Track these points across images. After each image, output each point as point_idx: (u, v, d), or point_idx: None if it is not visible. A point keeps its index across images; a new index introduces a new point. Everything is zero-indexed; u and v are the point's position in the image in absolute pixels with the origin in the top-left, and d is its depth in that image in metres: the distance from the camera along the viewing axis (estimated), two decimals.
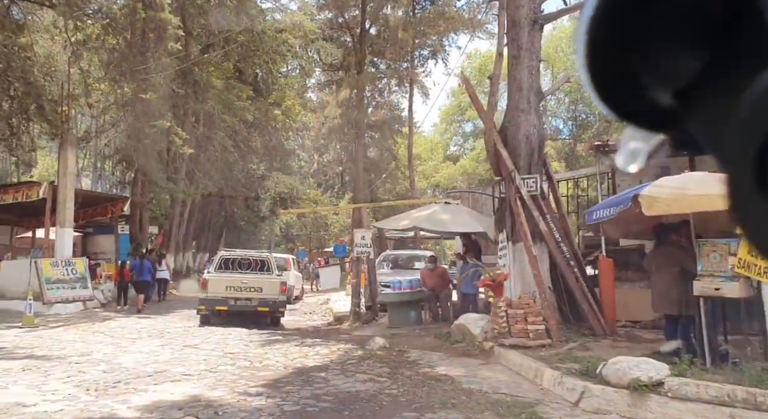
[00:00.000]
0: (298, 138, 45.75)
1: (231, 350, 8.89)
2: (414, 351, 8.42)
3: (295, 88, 31.25)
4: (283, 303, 11.94)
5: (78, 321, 12.13)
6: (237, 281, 11.72)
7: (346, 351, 8.66)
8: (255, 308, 11.72)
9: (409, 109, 31.27)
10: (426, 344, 8.97)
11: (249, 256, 12.85)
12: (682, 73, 0.44)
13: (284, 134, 33.27)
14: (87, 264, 14.46)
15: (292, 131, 35.60)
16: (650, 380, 5.21)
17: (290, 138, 37.50)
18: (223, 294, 11.63)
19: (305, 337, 10.36)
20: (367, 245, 11.59)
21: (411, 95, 31.32)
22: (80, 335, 10.39)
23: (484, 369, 7.20)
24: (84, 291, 13.86)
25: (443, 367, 7.32)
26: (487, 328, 8.25)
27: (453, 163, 38.92)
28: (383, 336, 9.82)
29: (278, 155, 35.71)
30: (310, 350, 8.86)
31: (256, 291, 11.70)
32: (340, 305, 15.09)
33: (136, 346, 9.27)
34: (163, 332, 10.65)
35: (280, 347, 9.13)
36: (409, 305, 10.11)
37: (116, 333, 10.58)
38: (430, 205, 10.00)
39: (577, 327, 8.34)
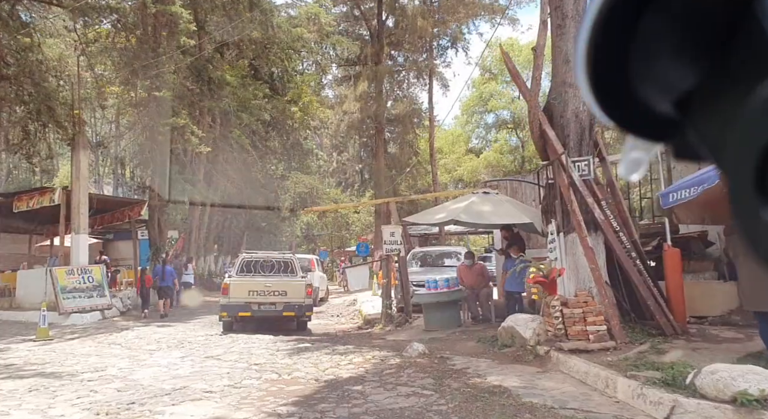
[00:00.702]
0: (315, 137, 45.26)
1: (256, 360, 8.14)
2: (458, 358, 7.56)
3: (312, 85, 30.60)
4: (310, 307, 11.18)
5: (95, 331, 11.52)
6: (260, 284, 10.99)
7: (382, 359, 7.85)
8: (280, 313, 10.98)
9: (429, 100, 30.39)
10: (469, 349, 8.11)
11: (271, 258, 12.11)
12: (682, 84, 0.44)
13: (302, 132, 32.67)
14: (105, 271, 13.88)
15: (310, 130, 35.12)
16: (762, 393, 4.29)
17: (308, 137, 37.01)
18: (246, 299, 10.91)
19: (335, 344, 9.57)
20: (398, 242, 10.76)
21: (431, 86, 30.42)
22: (96, 347, 9.74)
23: (543, 378, 6.32)
24: (101, 300, 13.28)
25: (495, 377, 6.45)
26: (539, 330, 7.36)
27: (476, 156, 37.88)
28: (421, 340, 8.98)
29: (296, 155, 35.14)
30: (342, 358, 8.06)
31: (280, 295, 10.96)
32: (368, 307, 14.29)
33: (154, 359, 8.57)
34: (183, 342, 9.96)
35: (310, 356, 8.35)
36: (447, 306, 9.26)
37: (134, 344, 9.92)
38: (466, 196, 9.11)
39: (641, 326, 7.40)
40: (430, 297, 9.28)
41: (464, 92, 42.83)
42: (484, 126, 41.76)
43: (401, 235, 10.79)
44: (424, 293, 9.49)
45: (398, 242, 10.78)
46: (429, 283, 9.47)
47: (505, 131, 40.33)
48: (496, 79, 37.56)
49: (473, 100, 40.34)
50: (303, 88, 28.86)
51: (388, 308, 10.71)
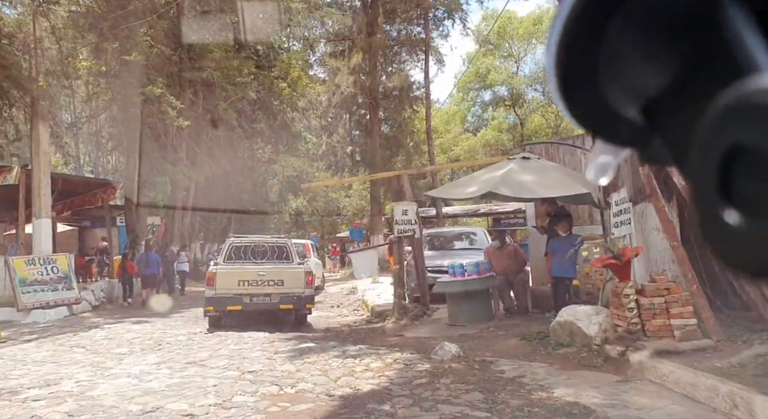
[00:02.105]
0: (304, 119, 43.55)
1: (250, 367, 6.58)
2: (503, 362, 6.05)
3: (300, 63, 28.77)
4: (311, 298, 9.61)
5: (58, 330, 9.86)
6: (252, 273, 9.39)
7: (406, 364, 6.32)
8: (276, 306, 9.41)
9: (425, 75, 28.65)
10: (513, 349, 6.60)
11: (264, 242, 10.48)
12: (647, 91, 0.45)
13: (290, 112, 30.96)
14: (72, 261, 12.18)
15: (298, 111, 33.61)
16: None
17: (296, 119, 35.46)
18: (236, 290, 9.32)
19: (344, 343, 8.02)
20: (411, 221, 9.19)
21: (427, 60, 28.65)
22: (54, 352, 8.10)
23: (629, 390, 4.82)
24: (68, 293, 11.59)
25: (564, 389, 4.94)
26: (606, 325, 5.86)
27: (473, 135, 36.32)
28: (448, 338, 7.46)
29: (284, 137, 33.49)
30: (356, 363, 6.52)
31: (276, 285, 9.37)
32: (373, 296, 12.75)
33: (123, 366, 6.97)
34: (160, 342, 8.35)
35: (316, 360, 6.79)
36: (477, 296, 7.75)
37: (101, 346, 8.29)
38: (500, 163, 7.52)
39: (732, 319, 5.93)
40: (456, 286, 7.75)
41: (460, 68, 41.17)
42: (480, 104, 40.19)
43: (416, 214, 9.21)
44: (448, 281, 7.95)
45: (412, 222, 9.21)
46: (454, 269, 7.93)
47: (503, 108, 38.78)
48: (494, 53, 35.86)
49: (469, 76, 38.66)
50: (291, 62, 27.00)
51: (402, 298, 9.17)
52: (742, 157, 0.38)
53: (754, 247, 0.38)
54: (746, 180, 0.38)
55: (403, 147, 30.87)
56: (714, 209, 0.39)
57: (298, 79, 26.52)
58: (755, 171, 0.37)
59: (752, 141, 0.37)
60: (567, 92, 0.45)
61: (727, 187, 0.39)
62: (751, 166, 0.37)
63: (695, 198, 0.41)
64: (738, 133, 0.38)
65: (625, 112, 0.46)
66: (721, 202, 0.39)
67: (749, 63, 0.39)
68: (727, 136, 0.38)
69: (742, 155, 0.38)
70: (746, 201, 0.38)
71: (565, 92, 0.45)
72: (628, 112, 0.46)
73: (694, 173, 0.41)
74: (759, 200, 0.38)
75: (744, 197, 0.38)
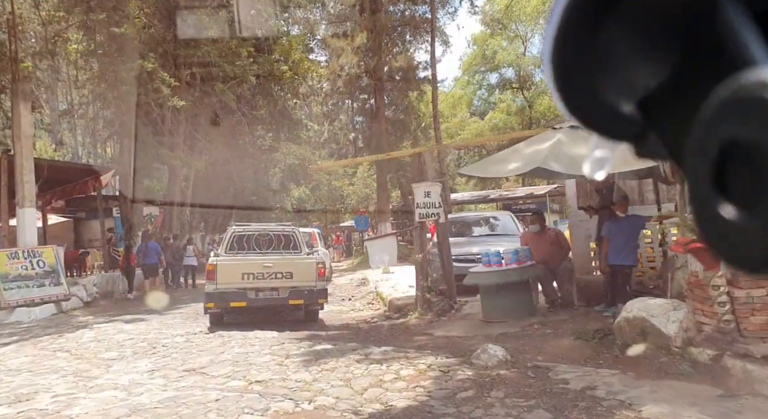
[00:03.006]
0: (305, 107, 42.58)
1: (258, 375, 5.59)
2: (562, 367, 5.04)
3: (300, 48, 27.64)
4: (323, 292, 8.59)
5: (42, 331, 8.87)
6: (257, 265, 8.37)
7: (444, 371, 5.31)
8: (285, 302, 8.40)
9: (431, 54, 27.39)
10: (568, 351, 5.59)
11: (269, 231, 9.44)
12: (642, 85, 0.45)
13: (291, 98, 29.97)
14: (59, 254, 11.18)
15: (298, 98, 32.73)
16: None
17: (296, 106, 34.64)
18: (240, 285, 8.31)
19: (365, 343, 7.02)
20: (435, 204, 8.17)
21: (433, 39, 27.41)
22: (34, 357, 7.11)
23: (742, 409, 3.81)
24: (56, 289, 10.60)
25: (653, 405, 3.94)
26: (688, 324, 4.84)
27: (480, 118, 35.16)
28: (486, 337, 6.46)
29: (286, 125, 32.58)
30: (384, 370, 5.52)
31: (284, 278, 8.36)
32: (387, 288, 11.75)
33: (110, 375, 5.99)
34: (155, 345, 7.36)
35: (335, 365, 5.79)
36: (516, 288, 6.74)
37: (88, 350, 7.30)
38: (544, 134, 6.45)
39: None
40: (492, 277, 6.73)
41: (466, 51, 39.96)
42: (486, 87, 38.96)
43: (440, 195, 8.18)
44: (482, 272, 6.93)
45: (436, 205, 8.18)
46: (489, 257, 6.91)
47: (510, 91, 37.57)
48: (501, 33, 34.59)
49: (475, 58, 37.42)
50: (293, 43, 25.86)
51: (426, 291, 8.16)
52: (738, 151, 0.37)
53: (751, 242, 0.37)
54: (742, 174, 0.37)
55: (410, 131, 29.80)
56: (710, 204, 0.39)
57: (299, 61, 25.42)
58: (751, 165, 0.36)
59: (748, 135, 0.36)
60: (562, 82, 0.45)
61: (723, 181, 0.38)
62: (747, 160, 0.37)
63: (691, 193, 0.41)
64: (734, 126, 0.37)
65: (621, 106, 0.46)
66: (718, 196, 0.38)
67: (744, 57, 0.38)
68: (722, 130, 0.38)
69: (738, 149, 0.37)
70: (742, 195, 0.37)
71: (560, 82, 0.45)
72: (624, 106, 0.46)
73: (690, 168, 0.41)
74: (755, 195, 0.37)
75: (740, 191, 0.38)
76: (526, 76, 35.41)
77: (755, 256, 0.37)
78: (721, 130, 0.38)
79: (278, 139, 31.93)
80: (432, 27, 27.44)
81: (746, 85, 0.36)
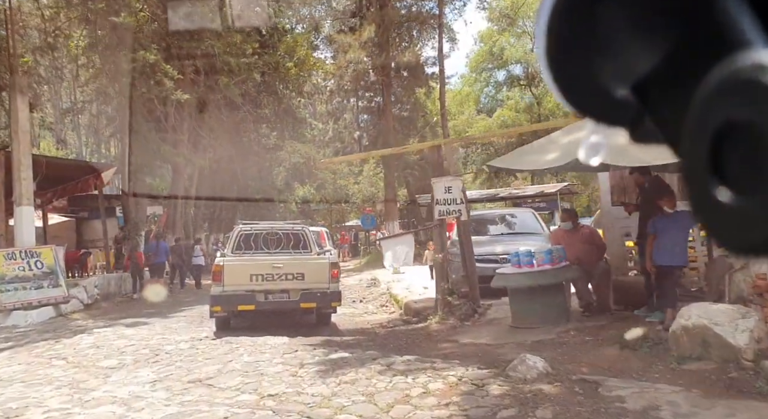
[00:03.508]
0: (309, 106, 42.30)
1: (270, 388, 5.07)
2: (613, 382, 4.48)
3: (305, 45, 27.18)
4: (337, 294, 8.04)
5: (38, 336, 8.36)
6: (266, 265, 7.84)
7: (478, 385, 4.77)
8: (296, 305, 7.86)
9: (438, 49, 26.83)
10: (616, 362, 5.04)
11: (277, 229, 8.92)
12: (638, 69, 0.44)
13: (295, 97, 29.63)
14: (59, 254, 10.68)
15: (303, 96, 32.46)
16: None
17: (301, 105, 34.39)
18: (248, 287, 7.78)
19: (385, 350, 6.48)
20: (456, 200, 7.63)
21: (440, 34, 26.85)
22: (29, 365, 6.61)
23: None
24: (54, 291, 10.10)
25: None
26: (760, 333, 4.28)
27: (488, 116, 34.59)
28: (518, 344, 5.92)
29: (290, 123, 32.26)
30: (410, 383, 4.98)
31: (295, 279, 7.83)
32: (401, 289, 11.22)
33: (108, 387, 5.48)
34: (158, 352, 6.84)
35: (355, 377, 5.25)
36: (549, 291, 6.19)
37: (86, 357, 6.79)
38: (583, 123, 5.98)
39: None
40: (524, 279, 6.18)
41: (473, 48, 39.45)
42: (494, 84, 38.38)
43: (462, 191, 7.63)
44: (512, 273, 6.38)
45: (457, 201, 7.63)
46: (519, 257, 6.36)
47: (518, 88, 36.99)
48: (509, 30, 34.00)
49: (482, 55, 36.85)
50: (298, 39, 25.37)
51: (447, 293, 7.61)
52: (733, 134, 0.37)
53: (746, 225, 0.37)
54: (737, 157, 0.37)
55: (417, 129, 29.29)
56: (706, 187, 0.39)
57: (305, 58, 24.91)
58: (746, 148, 0.36)
59: (744, 117, 0.36)
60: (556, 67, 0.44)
61: (719, 165, 0.38)
62: (742, 143, 0.36)
63: (687, 176, 0.40)
64: (729, 109, 0.37)
65: (616, 91, 0.45)
66: (713, 180, 0.38)
67: (740, 40, 0.38)
68: (718, 112, 0.37)
69: (734, 131, 0.37)
70: (738, 179, 0.37)
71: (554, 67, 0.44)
72: (619, 91, 0.45)
73: (686, 152, 0.41)
74: (750, 178, 0.37)
75: (735, 174, 0.37)
76: (534, 72, 34.83)
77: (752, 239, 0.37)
78: (718, 112, 0.37)
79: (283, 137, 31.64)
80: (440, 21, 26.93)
81: (742, 68, 0.36)
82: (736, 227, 0.38)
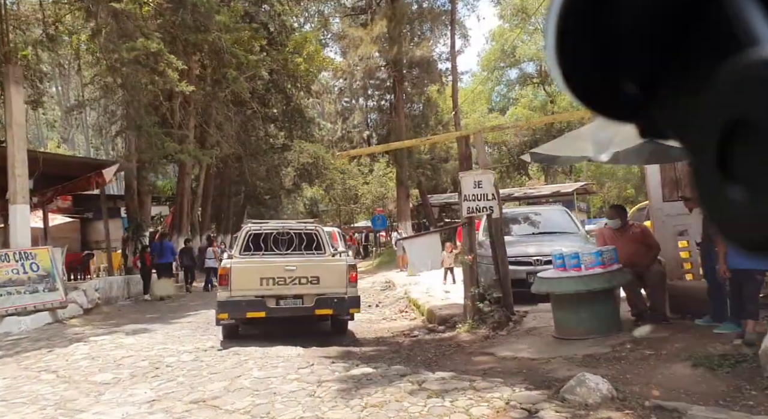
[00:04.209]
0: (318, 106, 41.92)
1: (285, 412, 4.36)
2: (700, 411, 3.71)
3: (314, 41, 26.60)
4: (356, 300, 7.31)
5: (30, 345, 7.69)
6: (278, 268, 7.13)
7: (529, 410, 4.03)
8: (311, 312, 7.15)
9: (451, 45, 26.12)
10: (691, 383, 4.28)
11: (289, 229, 8.20)
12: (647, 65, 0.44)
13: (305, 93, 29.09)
14: (55, 256, 10.02)
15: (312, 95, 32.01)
16: None
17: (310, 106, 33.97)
18: (257, 291, 7.07)
19: (413, 364, 5.76)
20: (488, 195, 6.89)
21: (452, 31, 26.14)
22: (14, 379, 5.93)
23: None
24: (51, 295, 9.43)
25: None
26: None
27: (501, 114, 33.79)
28: (568, 359, 5.16)
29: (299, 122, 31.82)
30: (448, 407, 4.24)
31: (310, 283, 7.11)
32: (420, 293, 10.49)
33: (99, 407, 4.80)
34: (158, 364, 6.15)
35: (383, 397, 4.52)
36: (599, 298, 5.44)
37: (78, 370, 6.10)
38: None
39: None
40: (571, 284, 5.42)
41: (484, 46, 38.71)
42: (506, 83, 37.62)
43: (494, 185, 6.89)
44: (556, 277, 5.62)
45: (488, 197, 6.90)
46: (563, 259, 5.60)
47: (531, 86, 36.20)
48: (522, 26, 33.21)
49: (494, 53, 36.10)
50: (308, 35, 24.76)
51: (479, 299, 6.87)
52: (742, 130, 0.36)
53: (756, 221, 0.37)
54: (746, 154, 0.37)
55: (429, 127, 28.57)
56: (715, 184, 0.38)
57: (315, 53, 24.28)
58: (756, 145, 0.36)
59: (754, 113, 0.36)
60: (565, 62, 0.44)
61: (728, 161, 0.38)
62: (751, 139, 0.36)
63: (695, 172, 0.40)
64: (739, 105, 0.36)
65: (624, 86, 0.45)
66: (722, 176, 0.38)
67: (749, 35, 0.37)
68: (727, 109, 0.37)
69: (742, 128, 0.36)
70: (747, 175, 0.37)
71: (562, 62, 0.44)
72: (627, 86, 0.45)
73: (695, 148, 0.40)
74: (760, 175, 0.36)
75: (744, 170, 0.37)
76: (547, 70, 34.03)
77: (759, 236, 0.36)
78: (727, 108, 0.37)
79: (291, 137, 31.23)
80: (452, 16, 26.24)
81: (752, 64, 0.35)
82: (746, 224, 0.36)
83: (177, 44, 14.51)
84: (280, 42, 24.01)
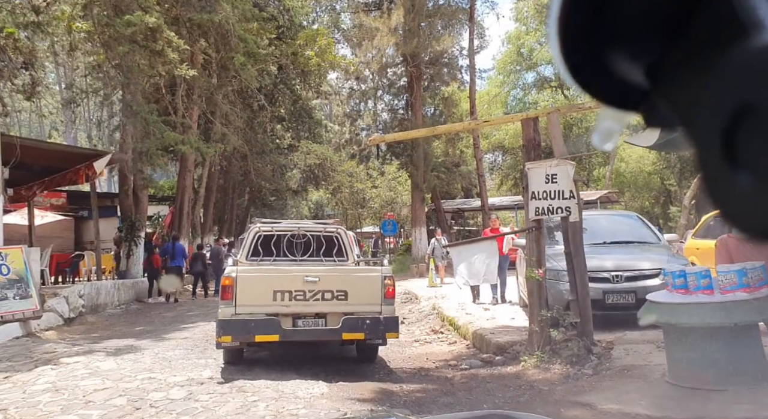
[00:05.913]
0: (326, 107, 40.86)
1: None
2: None
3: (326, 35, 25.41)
4: (393, 323, 5.81)
5: None
6: (296, 279, 5.65)
7: None
8: (336, 336, 5.65)
9: (469, 43, 24.76)
10: None
11: (305, 230, 6.71)
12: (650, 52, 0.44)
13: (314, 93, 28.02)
14: (30, 256, 8.58)
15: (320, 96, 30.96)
16: None
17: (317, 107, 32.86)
18: (269, 308, 5.59)
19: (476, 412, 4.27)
20: (564, 193, 5.45)
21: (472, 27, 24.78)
22: None
23: None
24: (22, 303, 7.97)
25: None
26: None
27: None
28: None
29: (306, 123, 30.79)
30: None
31: (336, 299, 5.63)
32: (454, 310, 9.01)
33: None
34: (138, 402, 4.68)
35: None
36: (739, 333, 3.96)
37: (35, 408, 4.63)
38: None
39: None
40: (703, 313, 3.92)
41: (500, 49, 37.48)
42: (522, 86, 36.26)
43: (572, 180, 5.44)
44: (677, 303, 4.12)
45: (565, 194, 5.45)
46: (686, 277, 4.13)
47: (549, 90, 34.83)
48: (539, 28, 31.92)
49: (509, 56, 34.79)
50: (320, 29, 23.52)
51: (549, 324, 5.40)
52: (749, 117, 0.36)
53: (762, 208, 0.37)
54: (753, 141, 0.37)
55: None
56: (721, 171, 0.38)
57: (327, 47, 22.99)
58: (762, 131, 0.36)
59: (760, 100, 0.36)
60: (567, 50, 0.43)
61: (734, 148, 0.38)
62: (759, 126, 0.36)
63: (701, 160, 0.40)
64: (746, 92, 0.36)
65: (628, 74, 0.44)
66: (728, 163, 0.38)
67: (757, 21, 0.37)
68: (734, 95, 0.37)
69: (749, 115, 0.36)
70: (753, 162, 0.37)
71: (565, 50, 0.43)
72: (631, 74, 0.44)
73: (700, 135, 0.40)
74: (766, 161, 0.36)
75: (751, 157, 0.37)
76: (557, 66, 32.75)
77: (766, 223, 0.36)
78: (733, 95, 0.37)
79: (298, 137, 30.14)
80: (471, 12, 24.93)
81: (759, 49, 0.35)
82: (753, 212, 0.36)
83: (180, 26, 13.12)
84: (290, 36, 22.88)
